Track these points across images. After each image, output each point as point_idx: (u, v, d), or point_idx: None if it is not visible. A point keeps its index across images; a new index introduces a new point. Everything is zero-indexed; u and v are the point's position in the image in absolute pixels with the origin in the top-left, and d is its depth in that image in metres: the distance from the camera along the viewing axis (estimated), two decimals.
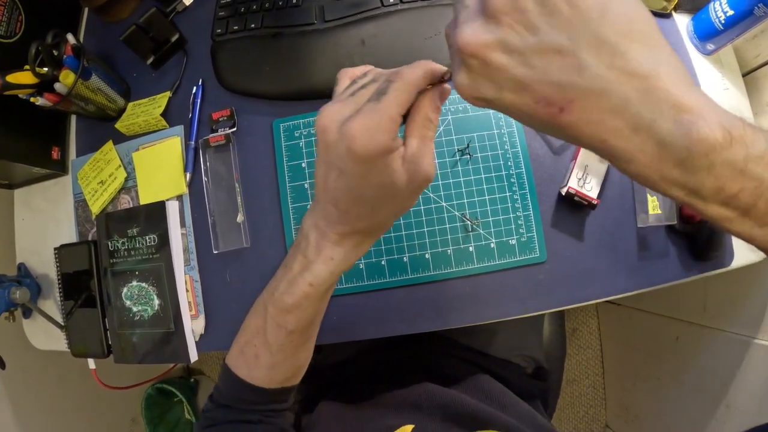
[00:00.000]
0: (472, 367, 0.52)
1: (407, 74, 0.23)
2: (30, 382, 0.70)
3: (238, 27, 0.48)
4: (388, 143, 0.22)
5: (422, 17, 0.45)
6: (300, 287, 0.29)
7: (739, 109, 0.47)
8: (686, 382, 0.73)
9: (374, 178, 0.24)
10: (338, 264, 0.28)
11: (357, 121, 0.22)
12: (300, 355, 0.35)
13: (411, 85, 0.23)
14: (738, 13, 0.42)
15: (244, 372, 0.34)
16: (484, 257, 0.44)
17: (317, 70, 0.46)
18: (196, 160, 0.48)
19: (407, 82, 0.23)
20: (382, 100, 0.22)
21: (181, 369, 1.17)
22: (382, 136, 0.22)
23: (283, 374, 0.34)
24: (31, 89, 0.45)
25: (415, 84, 0.23)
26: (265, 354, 0.32)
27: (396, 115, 0.22)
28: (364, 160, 0.23)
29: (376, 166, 0.23)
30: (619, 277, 0.44)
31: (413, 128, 0.24)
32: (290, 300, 0.29)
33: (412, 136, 0.24)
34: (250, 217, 0.47)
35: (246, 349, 0.34)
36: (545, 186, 0.45)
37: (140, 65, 0.52)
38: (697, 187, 0.17)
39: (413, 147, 0.23)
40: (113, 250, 0.48)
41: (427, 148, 0.24)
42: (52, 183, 0.55)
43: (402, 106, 0.23)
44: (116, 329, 0.48)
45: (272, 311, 0.31)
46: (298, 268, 0.29)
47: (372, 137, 0.22)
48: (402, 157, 0.23)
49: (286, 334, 0.31)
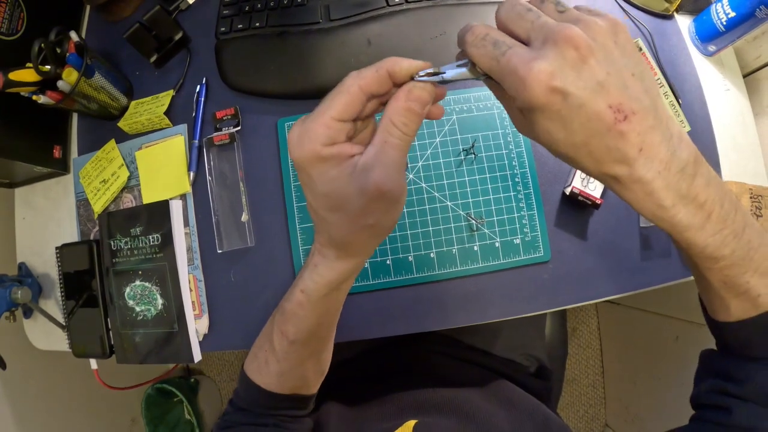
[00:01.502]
0: (475, 367, 0.52)
1: (349, 78, 0.22)
2: (30, 382, 0.69)
3: (242, 25, 0.48)
4: (315, 149, 0.21)
5: (428, 17, 0.45)
6: (295, 294, 0.29)
7: (740, 111, 0.48)
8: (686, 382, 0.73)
9: (317, 187, 0.23)
10: (323, 273, 0.27)
11: (293, 128, 0.22)
12: (307, 366, 0.34)
13: (348, 88, 0.22)
14: (739, 15, 0.43)
15: (257, 376, 0.34)
16: (488, 256, 0.44)
17: (322, 69, 0.46)
18: (200, 159, 0.48)
19: (344, 86, 0.22)
20: (317, 108, 0.22)
21: (181, 369, 1.17)
22: (308, 142, 0.21)
23: (291, 382, 0.35)
24: (33, 87, 0.45)
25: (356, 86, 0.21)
26: (272, 360, 0.33)
27: (327, 120, 0.21)
28: (299, 166, 0.22)
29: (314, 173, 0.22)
30: (622, 277, 0.44)
31: (376, 133, 0.22)
32: (288, 306, 0.30)
33: (371, 143, 0.22)
34: (254, 217, 0.46)
35: (259, 353, 0.34)
36: (549, 186, 0.45)
37: (143, 63, 0.52)
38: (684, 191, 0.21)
39: (368, 155, 0.22)
40: (116, 250, 0.48)
41: (385, 156, 0.22)
42: (54, 182, 0.54)
43: (336, 111, 0.21)
44: (119, 329, 0.48)
45: (278, 318, 0.32)
46: (299, 276, 0.30)
47: (299, 143, 0.22)
48: (354, 165, 0.22)
49: (288, 342, 0.31)
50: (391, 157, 0.22)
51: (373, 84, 0.22)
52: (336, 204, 0.23)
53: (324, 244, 0.26)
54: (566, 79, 0.19)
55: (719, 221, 0.22)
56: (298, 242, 0.45)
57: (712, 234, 0.22)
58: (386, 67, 0.22)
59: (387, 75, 0.22)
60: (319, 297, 0.28)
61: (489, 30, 0.21)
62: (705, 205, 0.22)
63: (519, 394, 0.46)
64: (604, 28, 0.20)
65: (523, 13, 0.21)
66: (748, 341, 0.27)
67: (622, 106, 0.19)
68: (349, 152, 0.22)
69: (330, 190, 0.22)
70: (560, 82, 0.19)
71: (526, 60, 0.19)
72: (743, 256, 0.24)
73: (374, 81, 0.22)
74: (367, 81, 0.22)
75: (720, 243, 0.23)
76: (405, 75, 0.22)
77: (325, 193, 0.23)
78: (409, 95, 0.22)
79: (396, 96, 0.22)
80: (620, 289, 0.44)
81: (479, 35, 0.21)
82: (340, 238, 0.25)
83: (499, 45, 0.20)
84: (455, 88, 0.47)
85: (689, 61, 0.48)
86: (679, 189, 0.21)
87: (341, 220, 0.24)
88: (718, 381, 0.28)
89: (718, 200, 0.22)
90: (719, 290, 0.25)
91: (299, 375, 0.34)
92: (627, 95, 0.19)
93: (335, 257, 0.26)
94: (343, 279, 0.28)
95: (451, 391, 0.44)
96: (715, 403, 0.28)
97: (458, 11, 0.45)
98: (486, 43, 0.20)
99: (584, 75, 0.19)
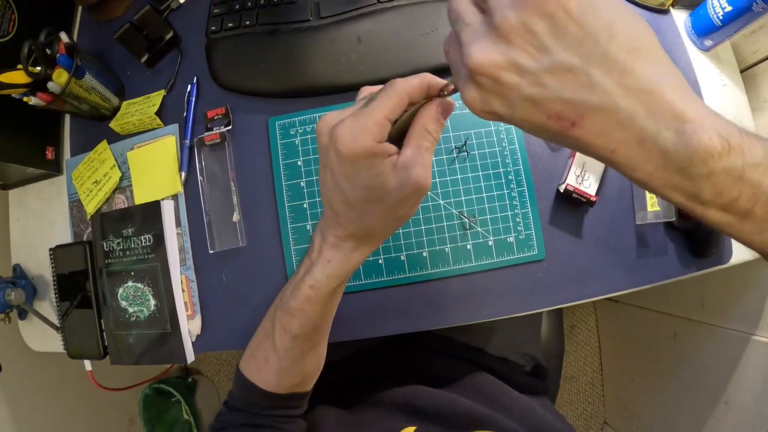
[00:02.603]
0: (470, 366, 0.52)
1: (398, 82, 0.24)
2: (27, 383, 0.69)
3: (233, 24, 0.48)
4: (369, 144, 0.23)
5: (419, 13, 0.45)
6: (302, 290, 0.30)
7: (737, 106, 0.47)
8: (684, 379, 0.73)
9: (361, 180, 0.24)
10: (335, 267, 0.29)
11: (343, 123, 0.24)
12: (307, 361, 0.35)
13: (399, 92, 0.24)
14: (736, 9, 0.42)
15: (255, 376, 0.34)
16: (482, 255, 0.44)
17: (313, 67, 0.45)
18: (192, 159, 0.48)
19: (396, 89, 0.24)
20: (369, 106, 0.24)
21: (178, 369, 1.17)
22: (364, 137, 0.23)
23: (291, 379, 0.35)
24: (24, 89, 0.45)
25: (405, 92, 0.24)
26: (273, 358, 0.33)
27: (381, 118, 0.23)
28: (349, 160, 0.24)
29: (362, 167, 0.24)
30: (617, 275, 0.44)
31: (410, 137, 0.25)
32: (294, 303, 0.30)
33: (407, 145, 0.25)
34: (246, 216, 0.46)
35: (257, 352, 0.34)
36: (543, 183, 0.45)
37: (134, 63, 0.52)
38: (697, 192, 0.18)
39: (407, 155, 0.24)
40: (108, 251, 0.48)
41: (421, 157, 0.24)
42: (47, 183, 0.54)
43: (388, 111, 0.23)
44: (112, 330, 0.48)
45: (279, 315, 0.32)
46: (302, 272, 0.30)
47: (354, 138, 0.23)
48: (394, 163, 0.24)
49: (291, 338, 0.32)
50: (426, 158, 0.25)
51: (416, 91, 0.24)
52: (376, 196, 0.25)
53: (342, 238, 0.28)
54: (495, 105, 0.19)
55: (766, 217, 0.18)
56: (289, 241, 0.45)
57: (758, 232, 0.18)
58: (427, 82, 0.24)
59: (427, 86, 0.24)
60: (328, 291, 0.30)
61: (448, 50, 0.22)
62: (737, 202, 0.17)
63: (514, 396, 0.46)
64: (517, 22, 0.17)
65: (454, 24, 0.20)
66: None
67: (562, 114, 0.17)
68: (391, 151, 0.24)
69: (374, 184, 0.24)
70: (489, 107, 0.19)
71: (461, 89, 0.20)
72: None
73: (418, 89, 0.24)
74: (414, 87, 0.24)
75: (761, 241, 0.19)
76: (436, 88, 0.25)
77: (368, 186, 0.25)
78: (440, 107, 0.25)
79: (429, 107, 0.25)
80: (616, 287, 0.44)
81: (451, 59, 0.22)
82: (369, 227, 0.27)
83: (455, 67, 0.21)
84: None
85: (685, 56, 0.47)
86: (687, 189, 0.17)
87: (377, 211, 0.26)
88: None
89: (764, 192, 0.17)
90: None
91: (299, 371, 0.35)
92: (563, 100, 0.17)
93: (352, 248, 0.28)
94: (351, 271, 0.30)
95: (449, 393, 0.44)
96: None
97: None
98: None
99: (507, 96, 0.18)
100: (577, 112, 0.17)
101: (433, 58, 0.44)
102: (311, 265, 0.29)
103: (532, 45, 0.17)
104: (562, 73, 0.17)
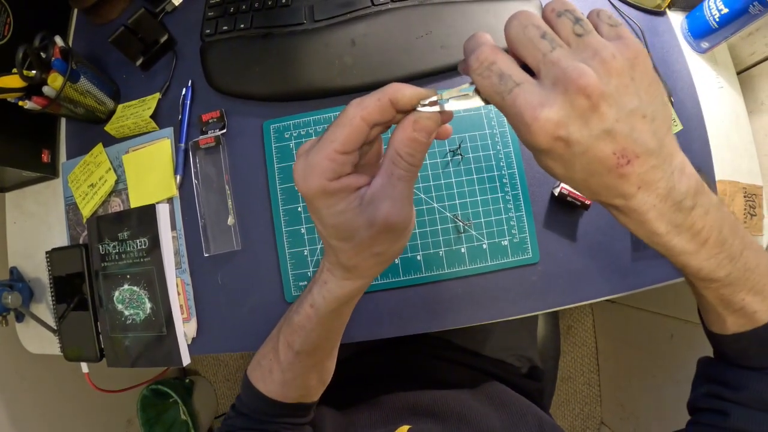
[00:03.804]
0: (466, 369, 0.52)
1: (349, 107, 0.21)
2: (25, 386, 0.70)
3: (227, 27, 0.48)
4: (320, 184, 0.21)
5: (413, 16, 0.45)
6: (304, 307, 0.30)
7: (734, 108, 0.47)
8: (681, 380, 0.73)
9: (324, 218, 0.23)
10: (331, 290, 0.27)
11: (299, 160, 0.22)
12: (310, 376, 0.35)
13: (351, 119, 0.21)
14: (732, 11, 0.42)
15: (261, 384, 0.35)
16: (476, 258, 0.44)
17: (307, 70, 0.45)
18: (186, 163, 0.48)
19: (346, 116, 0.21)
20: (320, 140, 0.21)
21: (176, 370, 1.17)
22: (313, 177, 0.21)
23: (295, 392, 0.35)
24: (19, 93, 0.45)
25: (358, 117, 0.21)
26: (277, 370, 0.33)
27: (331, 153, 0.21)
28: (307, 199, 0.22)
29: (321, 207, 0.22)
30: (612, 278, 0.44)
31: (381, 166, 0.22)
32: (296, 319, 0.30)
33: (378, 175, 0.22)
34: (240, 220, 0.46)
35: (263, 362, 0.35)
36: (538, 186, 0.45)
37: (130, 67, 0.52)
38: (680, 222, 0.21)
39: (374, 187, 0.22)
40: (104, 254, 0.48)
41: (392, 188, 0.22)
42: (44, 186, 0.54)
43: (339, 144, 0.21)
44: (108, 333, 0.48)
45: (285, 329, 0.32)
46: (307, 290, 0.30)
47: (305, 178, 0.21)
48: (361, 197, 0.22)
49: (293, 354, 0.32)
50: (398, 190, 0.22)
51: (375, 114, 0.21)
52: (345, 235, 0.23)
53: (333, 264, 0.27)
54: (572, 128, 0.18)
55: (715, 246, 0.23)
56: (284, 245, 0.45)
57: (707, 258, 0.23)
58: (389, 96, 0.21)
59: (389, 103, 0.21)
60: (327, 312, 0.29)
61: (496, 56, 0.19)
62: (701, 232, 0.22)
63: (511, 396, 0.46)
64: (622, 65, 0.18)
65: (535, 41, 0.19)
66: (744, 352, 0.27)
67: (626, 151, 0.19)
68: (355, 185, 0.22)
69: (338, 222, 0.22)
70: (565, 131, 0.18)
71: (532, 105, 0.18)
72: (739, 277, 0.24)
73: (376, 111, 0.21)
74: (369, 111, 0.21)
75: (715, 266, 0.23)
76: (407, 104, 0.21)
77: (334, 225, 0.23)
78: (415, 125, 0.21)
79: (401, 126, 0.21)
80: (611, 290, 0.44)
81: (485, 63, 0.19)
82: (347, 262, 0.25)
83: (505, 80, 0.19)
84: (440, 87, 0.46)
85: (681, 58, 0.47)
86: (674, 219, 0.21)
87: (349, 249, 0.24)
88: (714, 386, 0.29)
89: (716, 227, 0.22)
90: (715, 306, 0.26)
91: (302, 384, 0.35)
92: (633, 140, 0.19)
93: (342, 277, 0.27)
94: (350, 296, 0.28)
95: (443, 393, 0.44)
96: (712, 407, 0.29)
97: (444, 10, 0.45)
98: (491, 74, 0.19)
99: (592, 124, 0.18)
100: (636, 151, 0.19)
101: (428, 61, 0.44)
102: (313, 284, 0.29)
103: (628, 87, 0.19)
104: (639, 117, 0.19)
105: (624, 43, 0.19)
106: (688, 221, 0.21)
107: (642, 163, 0.19)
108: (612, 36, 0.20)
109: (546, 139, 0.18)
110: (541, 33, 0.19)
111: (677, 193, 0.21)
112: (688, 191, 0.21)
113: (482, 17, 0.44)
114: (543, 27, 0.19)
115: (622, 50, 0.19)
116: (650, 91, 0.19)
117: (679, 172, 0.21)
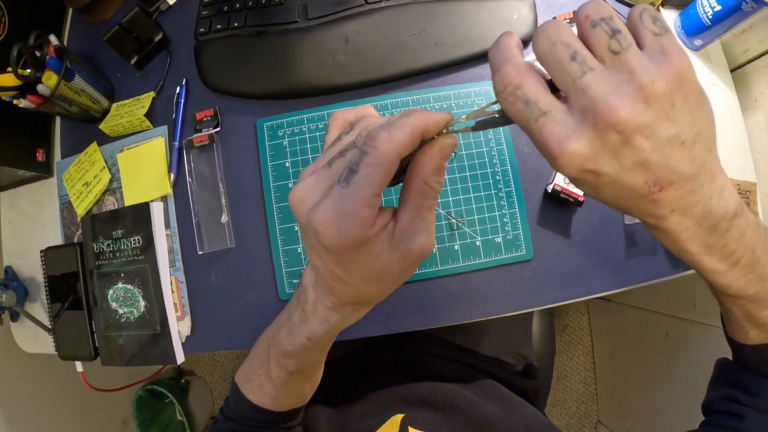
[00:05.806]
0: (461, 366, 0.52)
1: (382, 143, 0.18)
2: (20, 385, 0.70)
3: (221, 26, 0.48)
4: (361, 234, 0.19)
5: (407, 14, 0.45)
6: (298, 339, 0.28)
7: (728, 106, 0.47)
8: (677, 378, 0.73)
9: (355, 266, 0.21)
10: (334, 325, 0.26)
11: (323, 210, 0.19)
12: (305, 386, 0.35)
13: (387, 158, 0.18)
14: (726, 9, 0.42)
15: (252, 396, 0.34)
16: (470, 255, 0.44)
17: (301, 68, 0.45)
18: (180, 161, 0.48)
19: (382, 156, 0.18)
20: (352, 183, 0.18)
21: (171, 370, 1.17)
22: (352, 228, 0.19)
23: (288, 403, 0.35)
24: (14, 91, 0.45)
25: (394, 154, 0.18)
26: (268, 385, 0.33)
27: (370, 198, 0.18)
28: (338, 253, 0.20)
29: (354, 256, 0.20)
30: (606, 275, 0.44)
31: (407, 198, 0.20)
32: (290, 348, 0.29)
33: (404, 208, 0.20)
34: (234, 218, 0.46)
35: (252, 376, 0.34)
36: (531, 183, 0.45)
37: (124, 65, 0.52)
38: (712, 243, 0.21)
39: (405, 222, 0.20)
40: (99, 252, 0.48)
41: (423, 221, 0.20)
42: (38, 185, 0.54)
43: (377, 186, 0.18)
44: (103, 331, 0.48)
45: (274, 352, 0.31)
46: (297, 320, 0.28)
47: (341, 231, 0.19)
48: (391, 234, 0.20)
49: (287, 374, 0.31)
50: (428, 221, 0.21)
51: (409, 148, 0.19)
52: (375, 275, 0.21)
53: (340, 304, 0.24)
54: (602, 162, 0.17)
55: (747, 266, 0.22)
56: (278, 242, 0.45)
57: (737, 278, 0.23)
58: (420, 129, 0.19)
59: (420, 135, 0.19)
60: (326, 342, 0.29)
61: (522, 79, 0.18)
62: (734, 254, 0.22)
63: (505, 391, 0.47)
64: (662, 91, 0.17)
65: (564, 63, 0.17)
66: (764, 362, 0.28)
67: (659, 179, 0.18)
68: (383, 223, 0.20)
69: (371, 267, 0.21)
70: (594, 165, 0.17)
71: (559, 138, 0.17)
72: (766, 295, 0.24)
73: (410, 144, 0.19)
74: (405, 146, 0.19)
75: (744, 285, 0.23)
76: (435, 132, 0.20)
77: (366, 269, 0.21)
78: (441, 152, 0.20)
79: (427, 156, 0.20)
80: (605, 287, 0.44)
81: (509, 87, 0.18)
82: (369, 297, 0.24)
83: (531, 107, 0.18)
84: (434, 85, 0.46)
85: None
86: (707, 240, 0.21)
87: (378, 285, 0.22)
88: (732, 390, 0.30)
89: (750, 248, 0.22)
90: (740, 319, 0.26)
91: (296, 395, 0.35)
92: (668, 168, 0.18)
93: (351, 311, 0.25)
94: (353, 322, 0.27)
95: (437, 384, 0.44)
96: (728, 410, 0.29)
97: (437, 8, 0.45)
98: (517, 99, 0.18)
99: (624, 157, 0.17)
100: (671, 178, 0.18)
101: (421, 58, 0.44)
102: (306, 317, 0.26)
103: (667, 114, 0.17)
104: (678, 144, 0.18)
105: (668, 61, 0.17)
106: (721, 242, 0.21)
107: (676, 189, 0.19)
108: (655, 50, 0.17)
109: (573, 171, 0.18)
110: (571, 54, 0.17)
111: (713, 217, 0.20)
112: (725, 215, 0.20)
113: (476, 15, 0.45)
114: (573, 45, 0.17)
115: (664, 72, 0.17)
116: (694, 113, 0.18)
117: (717, 195, 0.20)
